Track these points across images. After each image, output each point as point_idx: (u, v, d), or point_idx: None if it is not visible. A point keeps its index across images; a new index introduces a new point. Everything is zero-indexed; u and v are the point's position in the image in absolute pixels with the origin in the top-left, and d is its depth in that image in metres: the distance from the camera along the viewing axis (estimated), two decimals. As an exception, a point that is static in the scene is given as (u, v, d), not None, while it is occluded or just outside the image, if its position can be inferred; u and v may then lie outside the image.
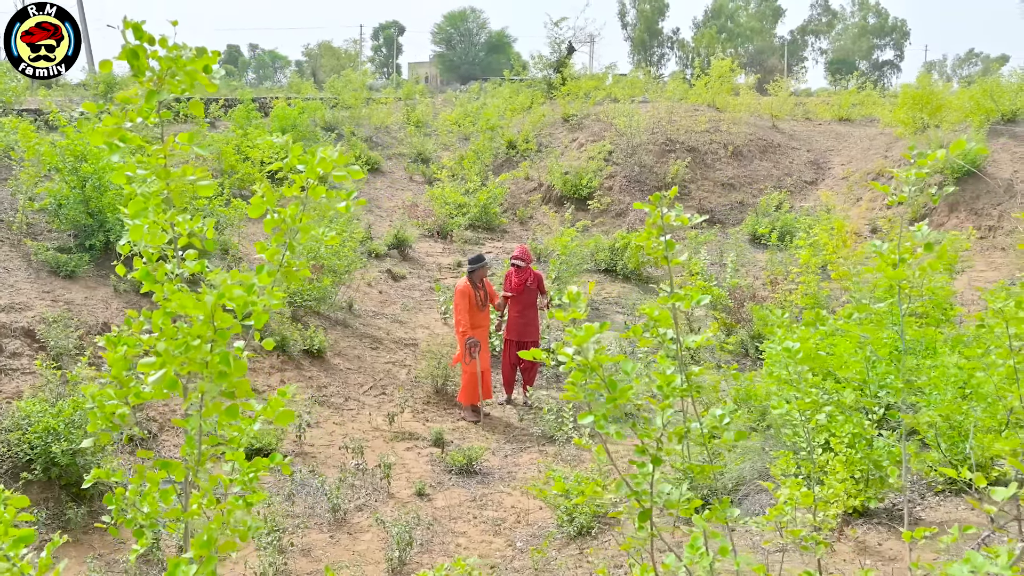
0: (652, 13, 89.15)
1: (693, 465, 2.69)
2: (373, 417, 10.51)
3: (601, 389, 2.40)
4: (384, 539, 7.60)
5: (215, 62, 2.45)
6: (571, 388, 2.49)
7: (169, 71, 2.52)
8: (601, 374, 2.41)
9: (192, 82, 2.52)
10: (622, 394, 2.36)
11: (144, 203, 2.46)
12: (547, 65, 31.14)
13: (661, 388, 2.56)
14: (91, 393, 2.73)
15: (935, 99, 23.26)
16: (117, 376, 2.65)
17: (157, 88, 2.33)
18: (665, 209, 2.82)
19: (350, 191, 2.59)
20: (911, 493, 6.33)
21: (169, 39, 2.57)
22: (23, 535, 2.47)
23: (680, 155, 23.30)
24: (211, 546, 2.39)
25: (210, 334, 2.29)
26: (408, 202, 20.88)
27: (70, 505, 7.26)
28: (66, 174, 11.15)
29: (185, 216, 2.62)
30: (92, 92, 26.60)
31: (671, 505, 2.42)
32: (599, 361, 2.41)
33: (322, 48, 74.31)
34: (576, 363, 2.42)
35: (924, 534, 2.93)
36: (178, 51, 2.53)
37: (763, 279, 15.71)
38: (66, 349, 9.00)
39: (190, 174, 2.44)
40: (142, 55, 2.46)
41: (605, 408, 2.37)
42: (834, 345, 6.56)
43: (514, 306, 11.32)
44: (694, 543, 2.44)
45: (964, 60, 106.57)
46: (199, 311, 2.35)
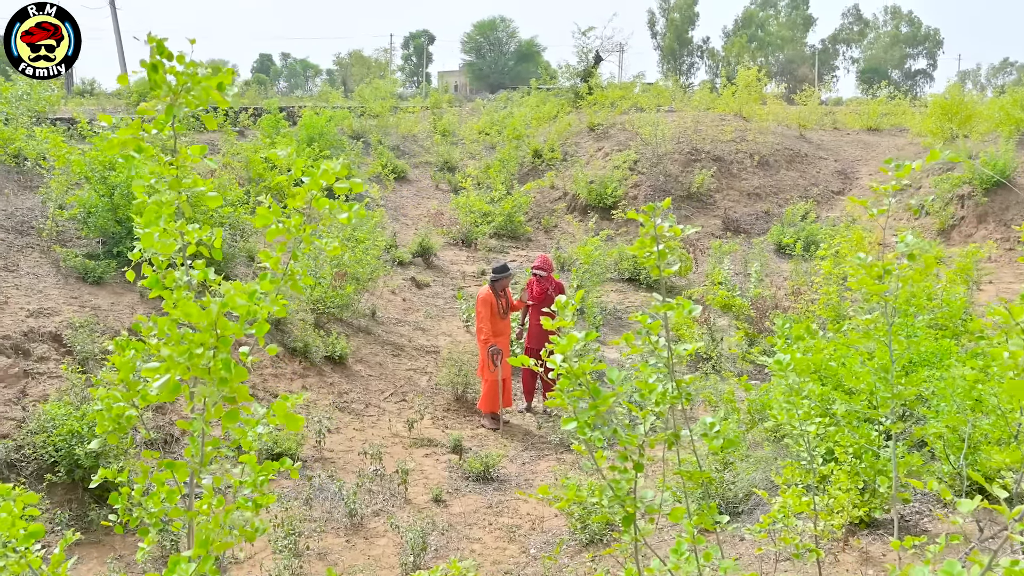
0: (682, 22, 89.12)
1: (681, 471, 2.74)
2: (393, 423, 10.61)
3: (585, 396, 2.47)
4: (399, 544, 7.68)
5: (230, 81, 2.55)
6: (557, 395, 2.56)
7: (184, 86, 2.62)
8: (585, 381, 2.48)
9: (207, 97, 2.63)
10: (603, 401, 2.43)
11: (158, 211, 2.56)
12: (574, 74, 31.24)
13: (644, 396, 2.62)
14: (99, 395, 2.83)
15: (964, 109, 23.09)
16: (124, 379, 2.75)
17: (173, 102, 2.43)
18: (659, 220, 2.88)
19: (364, 200, 2.67)
20: (919, 504, 6.31)
21: (187, 55, 2.68)
22: (32, 530, 2.58)
23: (706, 164, 23.28)
24: (208, 545, 2.48)
25: (212, 341, 2.38)
26: (433, 210, 21.04)
27: (93, 507, 7.41)
28: (95, 183, 11.38)
29: (195, 225, 2.72)
30: (125, 101, 27.08)
31: (652, 511, 2.48)
32: (583, 369, 2.48)
33: (353, 57, 75.05)
34: (561, 370, 2.49)
35: (913, 543, 2.96)
36: (195, 68, 2.64)
37: (786, 289, 15.66)
38: (92, 354, 9.19)
39: (200, 185, 2.54)
40: (161, 70, 2.57)
41: (588, 415, 2.44)
42: (847, 356, 6.57)
43: (535, 315, 11.39)
44: (679, 547, 2.49)
45: (999, 69, 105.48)
46: (203, 319, 2.45)
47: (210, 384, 2.32)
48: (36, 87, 16.85)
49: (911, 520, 6.20)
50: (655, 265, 2.81)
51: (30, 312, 9.56)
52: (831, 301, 11.86)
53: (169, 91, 2.44)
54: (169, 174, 2.54)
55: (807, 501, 3.64)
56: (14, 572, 2.70)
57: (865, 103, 35.30)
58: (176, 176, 2.54)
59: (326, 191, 2.91)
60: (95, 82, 56.66)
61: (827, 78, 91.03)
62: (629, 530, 2.52)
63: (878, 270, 3.13)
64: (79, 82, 59.74)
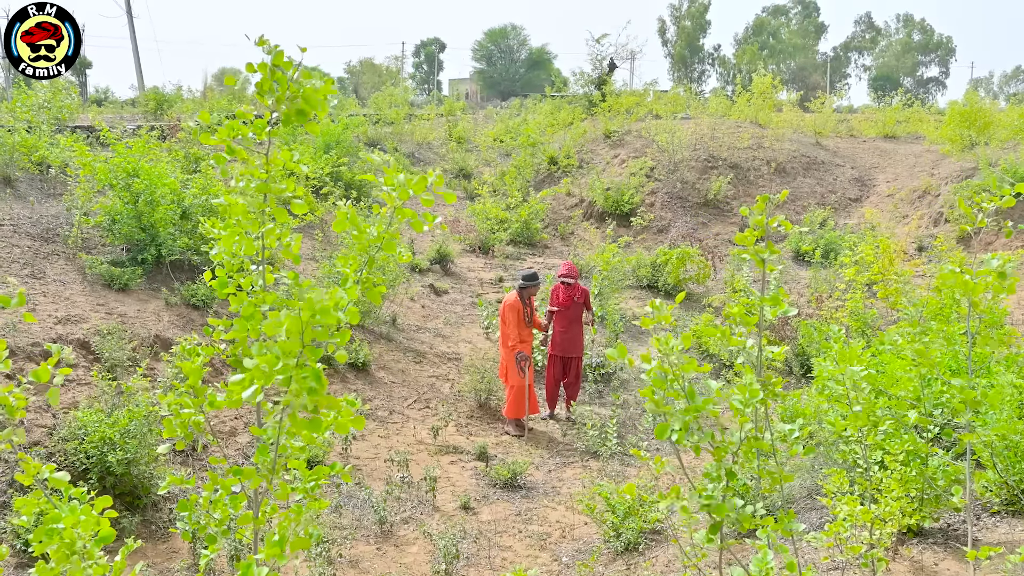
0: (693, 30, 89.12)
1: (763, 471, 2.69)
2: (418, 430, 10.58)
3: (680, 397, 2.42)
4: (430, 552, 7.64)
5: (333, 92, 2.54)
6: (648, 393, 2.51)
7: (290, 93, 2.60)
8: (682, 383, 2.43)
9: (313, 106, 2.60)
10: (705, 403, 2.38)
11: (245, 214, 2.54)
12: (589, 81, 31.24)
13: (743, 403, 2.58)
14: (166, 401, 2.80)
15: (983, 116, 22.97)
16: (193, 385, 2.72)
17: (274, 107, 2.41)
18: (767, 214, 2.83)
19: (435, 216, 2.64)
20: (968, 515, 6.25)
21: (297, 64, 2.66)
22: (104, 535, 2.55)
23: (722, 171, 23.22)
24: (283, 545, 2.45)
25: (299, 349, 2.34)
26: (450, 217, 21.03)
27: (124, 514, 7.39)
28: (119, 190, 11.40)
29: (274, 229, 2.70)
30: (142, 109, 27.17)
31: (744, 519, 2.43)
32: (683, 370, 2.44)
33: (364, 65, 75.20)
34: (656, 372, 2.45)
35: (989, 554, 2.91)
36: (308, 77, 2.61)
37: (807, 296, 15.59)
38: (120, 361, 9.19)
39: (291, 190, 2.52)
40: (276, 76, 2.55)
41: (684, 418, 2.39)
42: (885, 364, 6.51)
43: (560, 321, 11.35)
44: (763, 557, 2.44)
45: (1011, 77, 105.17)
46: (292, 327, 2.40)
47: (294, 394, 2.28)
48: (57, 94, 16.91)
49: (959, 529, 6.13)
50: (759, 259, 2.75)
51: (58, 319, 9.57)
52: (857, 308, 11.80)
53: (277, 98, 2.42)
54: (259, 176, 2.52)
55: (866, 509, 3.59)
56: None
57: (879, 111, 35.21)
58: (266, 180, 2.51)
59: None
60: (109, 90, 56.98)
61: (839, 86, 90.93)
62: (714, 538, 2.48)
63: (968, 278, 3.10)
64: (93, 90, 60.10)
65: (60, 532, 2.57)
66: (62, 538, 2.58)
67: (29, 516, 2.79)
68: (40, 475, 2.67)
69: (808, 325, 12.20)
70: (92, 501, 2.61)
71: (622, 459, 9.89)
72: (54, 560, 2.63)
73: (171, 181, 11.61)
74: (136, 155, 11.68)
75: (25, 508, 2.76)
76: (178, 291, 11.27)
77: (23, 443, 2.73)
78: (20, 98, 16.19)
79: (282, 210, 2.60)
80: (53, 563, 2.62)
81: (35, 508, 2.75)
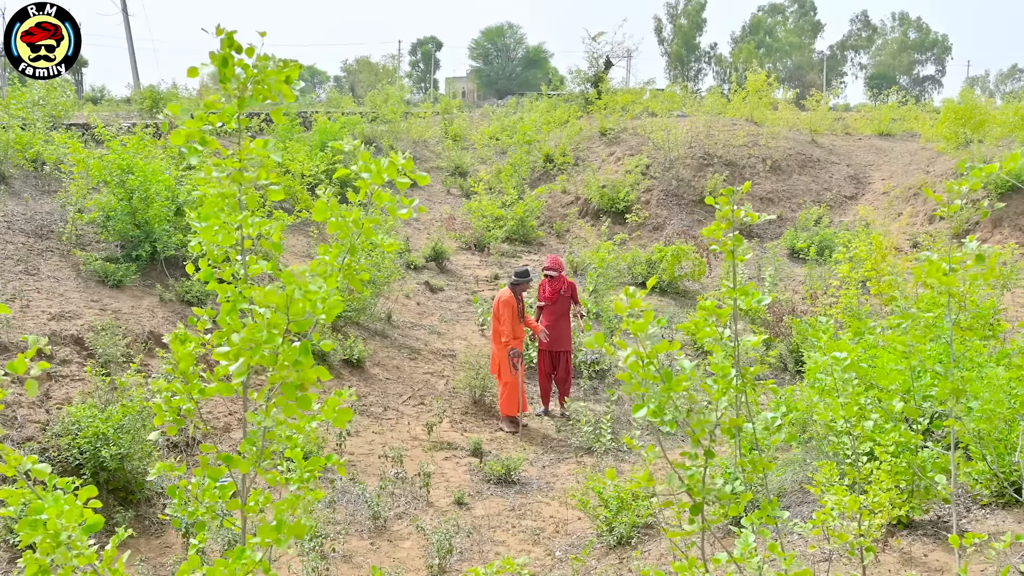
0: (689, 28, 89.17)
1: (743, 460, 2.71)
2: (412, 426, 10.60)
3: (656, 379, 2.44)
4: (424, 547, 7.66)
5: (296, 75, 2.54)
6: (626, 377, 2.53)
7: (253, 79, 2.61)
8: (656, 364, 2.46)
9: (276, 91, 2.61)
10: (677, 383, 2.41)
11: (219, 204, 2.55)
12: (585, 80, 31.23)
13: (717, 381, 2.60)
14: (157, 388, 2.81)
15: (978, 114, 23.00)
16: (184, 372, 2.73)
17: (242, 95, 2.41)
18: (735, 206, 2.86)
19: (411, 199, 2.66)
20: (955, 505, 6.28)
21: (257, 49, 2.66)
22: (92, 522, 2.56)
23: (718, 169, 23.24)
24: (281, 530, 2.46)
25: (285, 324, 2.35)
26: (446, 215, 21.03)
27: (118, 509, 7.39)
28: (113, 187, 11.40)
29: (254, 219, 2.71)
30: (137, 107, 27.15)
31: (723, 497, 2.46)
32: (656, 351, 2.46)
33: (360, 64, 75.09)
34: (632, 354, 2.47)
35: (973, 541, 2.93)
36: (265, 61, 2.62)
37: (802, 293, 15.63)
38: (114, 357, 9.19)
39: (264, 178, 2.52)
40: (231, 63, 2.56)
41: (660, 397, 2.41)
42: (876, 356, 6.53)
43: (548, 316, 11.36)
44: (745, 539, 2.46)
45: (1007, 75, 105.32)
46: (276, 301, 2.41)
47: (281, 369, 2.29)
48: (53, 92, 16.88)
49: (949, 521, 6.15)
50: (729, 250, 2.77)
51: (52, 315, 9.57)
52: (850, 304, 11.82)
53: (238, 84, 2.43)
54: (232, 166, 2.52)
55: (854, 499, 3.61)
56: (68, 568, 2.68)
57: (875, 109, 35.24)
58: (239, 169, 2.52)
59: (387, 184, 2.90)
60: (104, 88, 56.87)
61: (835, 84, 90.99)
62: (696, 519, 2.49)
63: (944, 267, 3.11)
64: (89, 88, 59.98)
65: (44, 523, 2.57)
66: (46, 528, 2.59)
67: (16, 506, 2.80)
68: (22, 467, 2.67)
69: (801, 322, 12.22)
70: (76, 491, 2.61)
71: (616, 455, 9.91)
72: (40, 551, 2.64)
73: (165, 178, 11.63)
74: (131, 152, 11.70)
75: (11, 498, 2.77)
76: (172, 287, 11.27)
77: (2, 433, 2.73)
78: (15, 95, 16.16)
79: (255, 195, 2.60)
80: (38, 553, 2.63)
81: (20, 498, 2.75)
